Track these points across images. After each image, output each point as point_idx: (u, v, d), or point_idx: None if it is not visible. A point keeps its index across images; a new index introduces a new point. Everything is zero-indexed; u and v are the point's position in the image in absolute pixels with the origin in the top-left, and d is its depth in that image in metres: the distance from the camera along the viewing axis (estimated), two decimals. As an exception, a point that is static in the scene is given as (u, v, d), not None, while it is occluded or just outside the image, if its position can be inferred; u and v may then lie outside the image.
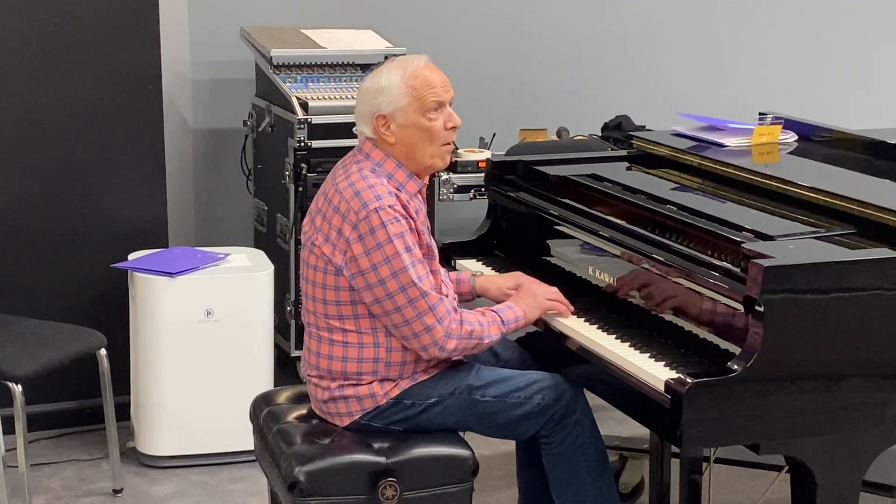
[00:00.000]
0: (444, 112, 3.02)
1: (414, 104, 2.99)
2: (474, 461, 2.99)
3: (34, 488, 3.87)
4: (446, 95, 3.03)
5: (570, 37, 5.42)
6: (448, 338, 2.96)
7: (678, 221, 3.04)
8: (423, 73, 3.01)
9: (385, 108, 2.99)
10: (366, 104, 3.03)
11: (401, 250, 2.91)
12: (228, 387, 4.08)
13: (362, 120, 3.05)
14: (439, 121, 3.01)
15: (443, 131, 3.02)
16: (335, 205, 2.97)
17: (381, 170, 3.00)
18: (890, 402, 2.71)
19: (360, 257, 2.92)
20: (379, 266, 2.91)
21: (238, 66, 4.97)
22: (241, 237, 5.02)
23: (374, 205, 2.91)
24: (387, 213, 2.91)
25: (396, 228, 2.91)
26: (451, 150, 3.10)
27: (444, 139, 3.04)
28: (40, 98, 4.26)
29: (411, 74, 2.99)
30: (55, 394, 4.35)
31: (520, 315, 3.10)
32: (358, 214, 2.91)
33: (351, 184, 2.96)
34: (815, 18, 5.78)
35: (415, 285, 2.91)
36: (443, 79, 3.04)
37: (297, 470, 2.89)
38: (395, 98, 2.98)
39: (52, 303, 4.29)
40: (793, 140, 3.73)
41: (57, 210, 4.33)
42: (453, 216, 4.87)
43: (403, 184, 3.02)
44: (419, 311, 2.93)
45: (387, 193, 2.94)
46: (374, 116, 3.00)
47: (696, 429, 2.60)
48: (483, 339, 3.01)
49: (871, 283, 2.65)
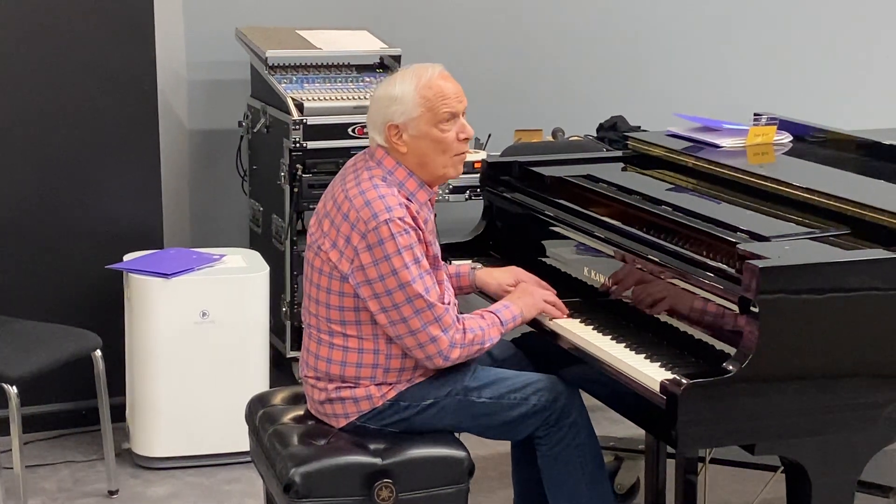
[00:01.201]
0: (457, 123, 3.00)
1: (427, 115, 2.96)
2: (470, 462, 3.00)
3: (29, 490, 3.86)
4: (459, 106, 3.00)
5: (566, 37, 5.42)
6: (452, 348, 2.95)
7: (673, 222, 3.04)
8: (437, 84, 2.98)
9: (397, 118, 2.97)
10: (378, 112, 3.00)
11: (409, 262, 2.90)
12: (224, 388, 4.07)
13: (374, 128, 3.02)
14: (452, 132, 2.99)
15: (455, 142, 3.00)
16: (344, 211, 2.95)
17: (392, 178, 2.99)
18: (885, 403, 2.71)
19: (367, 267, 2.91)
20: (386, 277, 2.90)
21: (233, 67, 4.96)
22: (237, 238, 5.01)
23: (385, 216, 2.89)
24: (396, 224, 2.89)
25: (405, 240, 2.90)
26: (464, 160, 3.07)
27: (457, 150, 3.01)
28: (35, 99, 4.25)
29: (425, 84, 2.97)
30: (50, 395, 4.35)
31: (517, 314, 3.10)
32: (367, 224, 2.90)
33: (362, 192, 2.94)
34: (810, 19, 5.78)
35: (421, 297, 2.90)
36: (457, 89, 3.01)
37: (293, 471, 2.89)
38: (407, 108, 2.96)
39: (47, 304, 4.29)
40: (787, 141, 3.73)
41: (52, 211, 4.32)
42: (449, 217, 4.85)
43: (414, 193, 3.00)
44: (424, 322, 2.92)
45: (397, 205, 2.92)
46: (387, 126, 2.98)
47: (692, 429, 2.61)
48: (484, 344, 3.01)
49: (866, 283, 2.66)
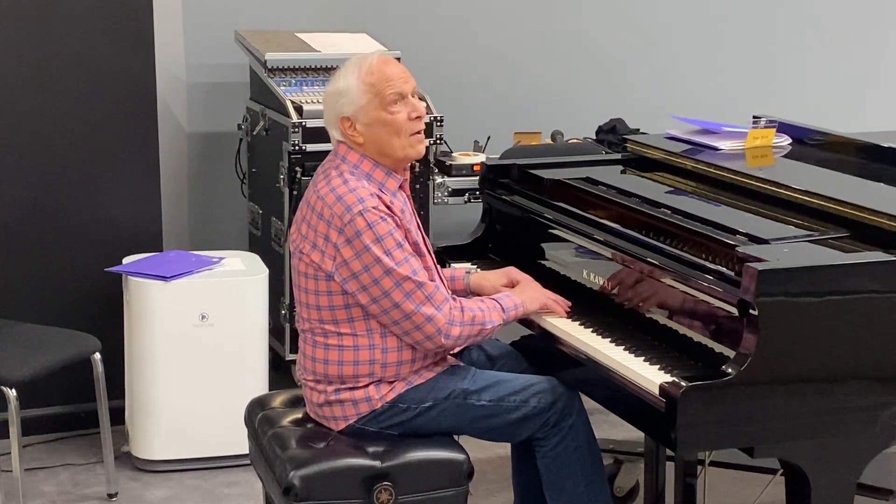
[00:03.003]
0: (406, 103, 3.01)
1: (374, 101, 2.98)
2: (469, 465, 2.99)
3: (29, 493, 3.86)
4: (406, 87, 3.01)
5: (564, 40, 5.42)
6: (451, 325, 2.95)
7: (672, 225, 3.04)
8: (379, 68, 2.99)
9: (347, 110, 2.99)
10: (330, 109, 3.04)
11: (390, 248, 2.91)
12: (223, 391, 4.08)
13: (330, 125, 3.06)
14: (402, 112, 3.00)
15: (407, 122, 3.00)
16: (318, 211, 2.96)
17: (359, 171, 3.00)
18: (884, 406, 2.71)
19: (350, 261, 2.92)
20: (371, 267, 2.91)
21: (232, 70, 4.96)
22: (236, 241, 5.00)
23: (358, 207, 2.91)
24: (371, 214, 2.90)
25: (383, 228, 2.91)
26: (423, 139, 3.07)
27: (411, 129, 3.01)
28: (35, 102, 4.26)
29: (367, 71, 2.98)
30: (50, 398, 4.35)
31: (518, 303, 3.09)
32: (343, 219, 2.91)
33: (332, 189, 2.96)
34: (809, 22, 5.78)
35: (409, 279, 2.91)
36: (400, 70, 3.02)
37: (292, 474, 2.89)
38: (354, 98, 2.98)
39: (46, 307, 4.29)
40: (787, 143, 3.73)
41: (51, 214, 4.32)
42: (448, 219, 4.86)
43: (383, 182, 3.01)
44: (417, 303, 2.92)
45: (368, 195, 2.93)
46: (339, 119, 3.01)
47: (691, 432, 2.60)
48: (486, 325, 3.01)
49: (865, 286, 2.65)
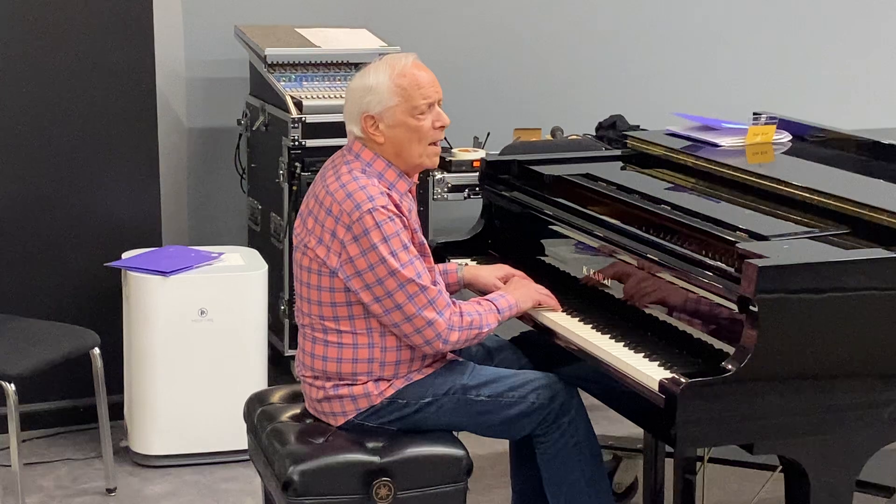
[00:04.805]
0: (432, 111, 3.01)
1: (402, 104, 2.97)
2: (468, 461, 2.99)
3: (27, 487, 3.86)
4: (435, 95, 3.01)
5: (565, 36, 5.42)
6: (451, 330, 2.96)
7: (672, 221, 3.04)
8: (412, 72, 2.98)
9: (373, 108, 2.97)
10: (354, 104, 3.01)
11: (396, 249, 2.90)
12: (222, 386, 4.07)
13: (351, 119, 3.03)
14: (428, 120, 3.00)
15: (431, 131, 3.01)
16: (327, 207, 2.96)
17: (371, 170, 2.99)
18: (884, 402, 2.71)
19: (356, 259, 2.91)
20: (376, 266, 2.90)
21: (232, 65, 4.96)
22: (235, 236, 5.01)
23: (368, 206, 2.90)
24: (380, 213, 2.90)
25: (391, 228, 2.91)
26: (439, 150, 3.08)
27: (433, 138, 3.02)
28: (34, 96, 4.25)
29: (399, 73, 2.97)
30: (48, 393, 4.35)
31: (512, 303, 3.10)
32: (351, 216, 2.90)
33: (342, 185, 2.95)
34: (809, 18, 5.78)
35: (413, 281, 2.91)
36: (431, 78, 3.01)
37: (291, 469, 2.89)
38: (383, 98, 2.96)
39: (45, 301, 4.29)
40: (787, 140, 3.73)
41: (50, 208, 4.32)
42: (447, 215, 4.86)
43: (394, 183, 3.01)
44: (419, 307, 2.92)
45: (378, 194, 2.93)
46: (363, 116, 2.99)
47: (690, 428, 2.60)
48: (482, 329, 3.01)
49: (865, 283, 2.65)
